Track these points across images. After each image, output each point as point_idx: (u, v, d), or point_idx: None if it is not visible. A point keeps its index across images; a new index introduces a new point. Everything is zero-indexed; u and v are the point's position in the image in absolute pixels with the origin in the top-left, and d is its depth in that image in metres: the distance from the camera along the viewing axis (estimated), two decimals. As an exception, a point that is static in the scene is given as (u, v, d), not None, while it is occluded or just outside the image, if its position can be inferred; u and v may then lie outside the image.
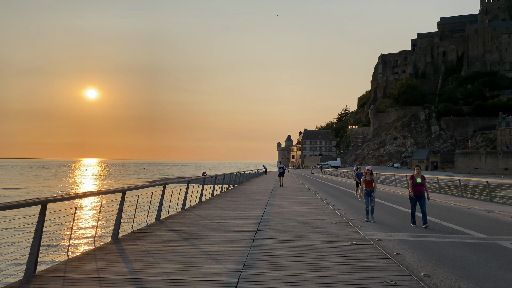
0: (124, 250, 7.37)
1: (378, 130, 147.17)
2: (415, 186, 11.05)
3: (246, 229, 9.69)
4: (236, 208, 14.04)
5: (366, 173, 12.23)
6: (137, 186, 10.20)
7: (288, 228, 9.79)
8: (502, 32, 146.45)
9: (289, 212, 12.96)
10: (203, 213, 12.66)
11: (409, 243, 8.52)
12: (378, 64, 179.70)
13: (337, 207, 15.22)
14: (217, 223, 10.56)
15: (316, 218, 11.63)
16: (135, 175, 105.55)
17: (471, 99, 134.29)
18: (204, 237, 8.58)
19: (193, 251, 7.28)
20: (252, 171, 44.89)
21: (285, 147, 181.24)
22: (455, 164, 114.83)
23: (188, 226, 10.16)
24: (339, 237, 8.71)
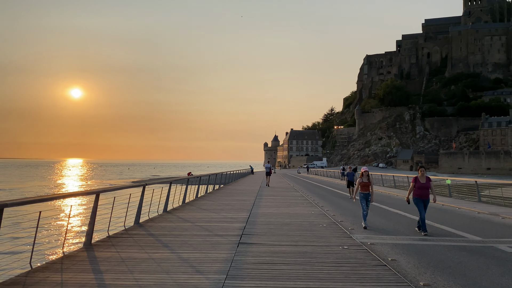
0: (95, 258, 6.72)
1: (363, 130, 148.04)
2: (421, 190, 9.85)
3: (231, 232, 9.11)
4: (221, 210, 13.44)
5: (362, 175, 10.91)
6: (113, 188, 9.52)
7: (275, 232, 9.24)
8: (484, 34, 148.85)
9: (276, 214, 12.42)
10: (185, 216, 12.03)
11: (403, 247, 8.06)
12: (363, 65, 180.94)
13: (325, 208, 14.74)
14: (200, 227, 9.95)
15: (305, 220, 11.12)
16: (120, 176, 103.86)
17: (454, 100, 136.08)
18: (185, 242, 7.97)
19: (172, 258, 6.67)
20: (239, 171, 44.28)
21: (271, 147, 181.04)
22: (439, 164, 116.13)
23: (168, 230, 9.53)
24: (330, 241, 8.20)
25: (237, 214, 12.39)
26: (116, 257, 6.73)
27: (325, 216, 11.97)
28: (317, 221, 10.91)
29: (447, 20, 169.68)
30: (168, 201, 13.38)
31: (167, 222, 10.81)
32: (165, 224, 10.35)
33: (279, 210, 13.40)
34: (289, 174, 63.14)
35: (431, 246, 8.11)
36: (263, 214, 12.34)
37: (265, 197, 18.51)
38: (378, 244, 8.33)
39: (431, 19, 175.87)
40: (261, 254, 6.93)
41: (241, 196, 19.21)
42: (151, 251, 7.16)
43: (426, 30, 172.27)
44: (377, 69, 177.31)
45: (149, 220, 11.16)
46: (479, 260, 6.92)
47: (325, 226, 10.16)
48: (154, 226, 10.02)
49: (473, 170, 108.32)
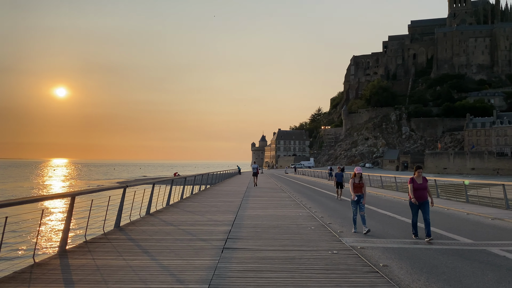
0: (68, 266, 6.25)
1: (350, 130, 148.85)
2: (417, 191, 9.09)
3: (216, 237, 8.71)
4: (206, 212, 13.01)
5: (354, 176, 10.23)
6: (91, 190, 9.04)
7: (262, 235, 8.88)
8: (469, 36, 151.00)
9: (263, 216, 12.05)
10: (169, 218, 11.58)
11: (394, 251, 7.77)
12: (350, 66, 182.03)
13: (313, 210, 14.44)
14: (183, 230, 9.52)
15: (292, 223, 10.78)
16: (105, 176, 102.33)
17: (440, 101, 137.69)
18: (166, 248, 7.54)
19: (151, 266, 6.25)
20: (226, 172, 43.81)
21: (259, 147, 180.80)
22: (425, 164, 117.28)
23: (150, 234, 9.09)
24: (318, 245, 7.86)
25: (223, 217, 11.99)
26: (91, 265, 6.27)
27: (313, 218, 11.66)
28: (305, 224, 10.58)
29: (433, 21, 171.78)
30: (151, 203, 12.91)
31: (149, 225, 10.35)
32: (147, 228, 9.89)
33: (266, 212, 13.04)
34: (276, 174, 62.89)
35: (423, 250, 7.84)
36: (250, 216, 11.97)
37: (252, 198, 18.14)
38: (369, 248, 8.03)
39: (417, 21, 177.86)
40: (247, 261, 6.56)
41: (227, 197, 18.80)
42: (130, 258, 6.72)
43: (412, 32, 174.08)
44: (364, 69, 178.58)
45: (130, 223, 10.69)
46: (473, 265, 6.66)
47: (313, 229, 9.83)
48: (135, 230, 9.56)
49: (458, 170, 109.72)
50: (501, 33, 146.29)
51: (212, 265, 6.26)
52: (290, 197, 18.92)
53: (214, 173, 31.97)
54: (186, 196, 19.26)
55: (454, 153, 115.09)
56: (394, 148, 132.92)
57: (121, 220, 10.28)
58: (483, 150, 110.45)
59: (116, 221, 10.05)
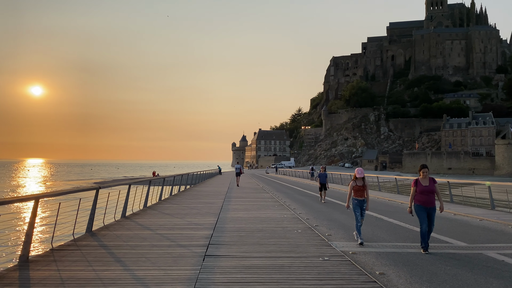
0: (28, 279, 5.50)
1: (330, 130, 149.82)
2: (424, 195, 7.71)
3: (196, 242, 8.05)
4: (185, 215, 12.31)
5: (355, 177, 8.83)
6: (57, 192, 8.24)
7: (247, 240, 8.27)
8: (445, 38, 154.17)
9: (246, 219, 11.44)
10: (146, 222, 10.84)
11: (388, 257, 7.28)
12: (330, 67, 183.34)
13: (298, 211, 13.92)
14: (161, 235, 8.82)
15: (277, 225, 10.21)
16: (81, 176, 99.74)
17: (417, 102, 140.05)
18: (142, 256, 6.85)
19: (123, 278, 5.56)
20: (206, 172, 43.00)
21: (239, 147, 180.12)
22: (403, 164, 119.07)
23: (125, 239, 8.36)
24: (307, 250, 7.32)
25: (204, 219, 11.33)
26: (55, 278, 5.54)
27: (299, 221, 11.13)
28: (291, 227, 10.03)
29: (411, 24, 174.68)
30: (126, 205, 12.12)
31: (124, 229, 9.61)
32: (122, 233, 9.14)
33: (249, 214, 12.44)
34: (257, 174, 62.37)
35: (418, 255, 7.39)
36: (233, 219, 11.34)
37: (234, 200, 17.51)
38: (361, 253, 7.53)
39: (395, 23, 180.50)
40: (231, 270, 5.94)
41: (208, 199, 18.12)
42: (100, 268, 6.01)
43: (390, 33, 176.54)
44: (343, 70, 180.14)
45: (103, 227, 9.91)
46: (474, 271, 6.22)
47: (300, 232, 9.29)
48: (108, 235, 8.81)
49: (435, 170, 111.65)
50: (476, 36, 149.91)
51: (192, 276, 5.62)
52: (273, 198, 18.37)
53: (194, 174, 31.16)
54: (165, 198, 18.48)
55: (432, 153, 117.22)
56: (373, 148, 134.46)
57: (93, 225, 9.51)
58: (459, 150, 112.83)
59: (88, 226, 9.27)
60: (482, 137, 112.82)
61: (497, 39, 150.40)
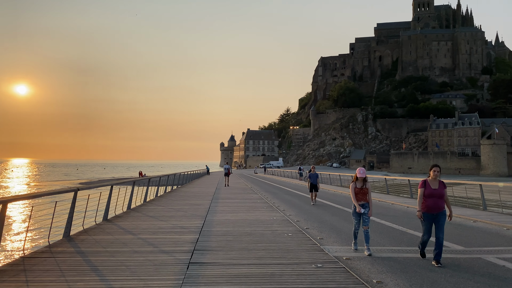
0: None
1: (318, 130, 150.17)
2: (430, 198, 6.74)
3: (180, 248, 7.56)
4: (170, 218, 11.79)
5: (356, 178, 7.90)
6: (28, 195, 7.66)
7: (234, 245, 7.81)
8: (432, 39, 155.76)
9: (234, 221, 10.98)
10: (128, 225, 10.30)
11: (384, 262, 6.90)
12: (318, 67, 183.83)
13: (288, 213, 13.51)
14: (144, 240, 8.30)
15: (267, 228, 9.77)
16: (67, 176, 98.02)
17: (404, 102, 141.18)
18: (121, 264, 6.34)
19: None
20: (194, 172, 42.38)
21: (228, 147, 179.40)
22: (391, 164, 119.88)
23: (104, 245, 7.83)
24: (299, 256, 6.89)
25: (190, 222, 10.83)
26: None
27: (289, 223, 10.71)
28: (281, 230, 9.61)
29: (398, 25, 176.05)
30: (108, 207, 11.56)
31: (105, 234, 9.06)
32: (102, 237, 8.60)
33: (237, 216, 11.98)
34: (246, 174, 61.90)
35: (415, 260, 7.02)
36: (220, 222, 10.87)
37: (222, 201, 17.03)
38: (355, 259, 7.13)
39: (383, 23, 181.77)
40: (218, 280, 5.47)
41: (195, 200, 17.60)
42: (73, 279, 5.49)
43: (378, 34, 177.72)
44: (331, 71, 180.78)
45: (83, 231, 9.35)
46: (476, 279, 5.87)
47: (291, 235, 8.87)
48: (87, 241, 8.26)
49: (422, 169, 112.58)
50: (462, 37, 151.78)
51: (174, 287, 5.14)
52: (262, 199, 17.94)
53: (180, 174, 30.55)
54: (150, 199, 17.91)
55: (419, 153, 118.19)
56: (361, 148, 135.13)
57: (71, 229, 8.96)
58: (446, 150, 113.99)
59: (65, 230, 8.71)
60: (468, 137, 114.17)
61: (482, 40, 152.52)
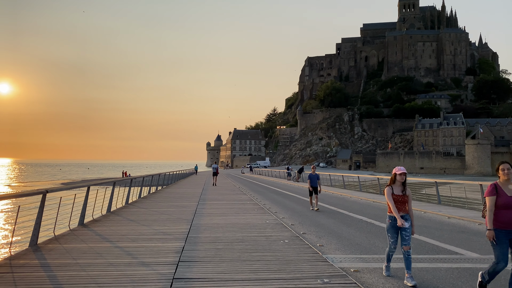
0: None
1: (305, 130, 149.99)
2: (508, 210, 4.80)
3: (163, 259, 6.59)
4: (153, 222, 10.78)
5: (393, 181, 5.99)
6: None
7: (226, 255, 6.87)
8: (417, 40, 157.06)
9: (224, 226, 10.03)
10: (106, 231, 9.26)
11: (398, 274, 6.05)
12: (305, 67, 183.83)
13: (280, 215, 12.64)
14: (122, 249, 7.30)
15: (260, 234, 8.85)
16: (50, 177, 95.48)
17: (390, 102, 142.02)
18: (92, 280, 5.34)
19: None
20: (180, 172, 41.23)
21: (214, 146, 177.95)
22: (377, 163, 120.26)
23: (75, 255, 6.80)
24: (300, 268, 5.99)
25: (175, 227, 9.84)
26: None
27: (284, 227, 9.81)
28: (275, 235, 8.70)
29: (384, 25, 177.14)
30: (85, 211, 10.49)
31: (78, 241, 8.02)
32: (74, 246, 7.56)
33: (227, 220, 11.03)
34: (233, 174, 60.91)
35: (431, 272, 6.20)
36: (208, 226, 9.91)
37: (209, 202, 16.04)
38: (364, 270, 6.27)
39: (369, 24, 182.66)
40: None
41: (181, 201, 16.58)
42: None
43: (364, 34, 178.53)
44: (318, 71, 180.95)
45: (53, 239, 8.29)
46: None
47: (287, 242, 7.97)
48: (56, 250, 7.22)
49: (407, 169, 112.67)
50: (446, 38, 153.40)
51: (155, 313, 4.19)
52: (252, 200, 17.01)
53: (165, 174, 29.42)
54: (132, 201, 16.81)
55: (404, 152, 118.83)
56: (347, 148, 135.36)
57: (41, 236, 7.91)
58: (431, 150, 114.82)
59: (32, 238, 7.65)
60: (453, 137, 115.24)
61: (466, 41, 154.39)
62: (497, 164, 5.05)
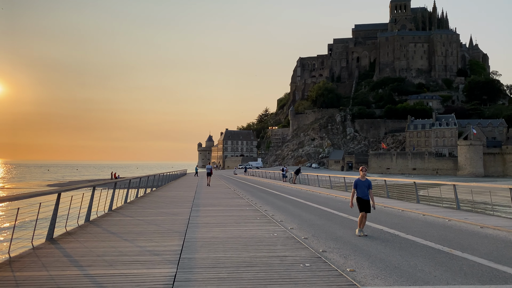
0: None
1: (297, 131, 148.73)
2: None
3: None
4: (139, 235, 8.95)
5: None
6: None
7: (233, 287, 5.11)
8: (409, 41, 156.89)
9: (224, 241, 8.23)
10: (78, 249, 7.42)
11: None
12: (297, 67, 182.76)
13: (287, 225, 10.90)
14: (92, 280, 5.47)
15: (271, 253, 7.09)
16: (38, 178, 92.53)
17: (382, 103, 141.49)
18: None
19: None
20: (171, 173, 39.28)
21: (206, 147, 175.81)
22: (369, 164, 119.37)
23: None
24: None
25: (164, 243, 8.03)
26: None
27: (297, 243, 8.06)
28: (291, 255, 6.95)
29: (375, 26, 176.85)
30: (54, 222, 8.63)
31: (36, 267, 6.16)
32: (28, 275, 5.71)
33: (227, 232, 9.23)
34: (225, 175, 59.09)
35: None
36: (205, 242, 8.11)
37: (204, 208, 14.23)
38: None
39: (361, 25, 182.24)
40: None
41: (171, 207, 14.74)
42: None
43: (356, 35, 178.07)
44: (310, 71, 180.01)
45: (5, 263, 6.43)
46: None
47: (308, 266, 6.22)
48: (3, 282, 5.38)
49: (400, 170, 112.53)
50: (437, 40, 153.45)
51: None
52: (251, 205, 15.24)
53: (155, 175, 27.48)
54: (117, 206, 14.93)
55: (397, 153, 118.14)
56: (339, 149, 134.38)
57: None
58: (424, 151, 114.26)
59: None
60: (445, 138, 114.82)
61: (457, 43, 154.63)
62: None
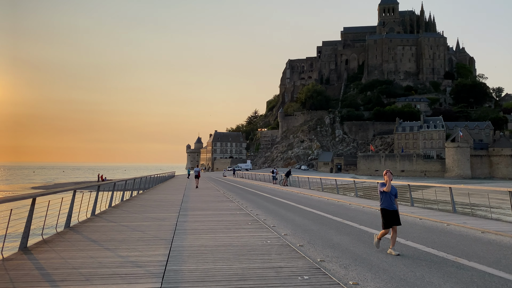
0: None
1: (286, 133, 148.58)
2: None
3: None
4: (122, 242, 8.28)
5: None
6: None
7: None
8: (397, 44, 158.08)
9: (214, 249, 7.62)
10: (54, 261, 6.73)
11: None
12: (286, 69, 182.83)
13: (280, 230, 10.34)
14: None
15: (266, 264, 6.50)
16: (23, 180, 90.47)
17: (371, 105, 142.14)
18: None
19: None
20: (159, 175, 38.44)
21: (194, 149, 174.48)
22: (358, 166, 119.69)
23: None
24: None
25: (149, 252, 7.39)
26: None
27: (292, 251, 7.49)
28: (287, 266, 6.37)
29: (364, 29, 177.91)
30: (29, 229, 7.92)
31: (2, 284, 5.48)
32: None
33: (217, 240, 8.61)
34: (214, 178, 58.30)
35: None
36: (193, 251, 7.48)
37: (192, 213, 13.57)
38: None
39: (349, 27, 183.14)
40: None
41: (158, 212, 14.05)
42: None
43: (344, 38, 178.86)
44: (299, 73, 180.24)
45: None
46: None
47: (307, 279, 5.65)
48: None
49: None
50: (425, 43, 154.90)
51: None
52: (241, 209, 14.63)
53: (142, 178, 26.69)
54: (100, 211, 14.19)
55: (385, 155, 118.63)
56: (328, 151, 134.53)
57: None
58: (412, 153, 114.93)
59: None
60: (433, 140, 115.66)
61: (444, 46, 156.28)
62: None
